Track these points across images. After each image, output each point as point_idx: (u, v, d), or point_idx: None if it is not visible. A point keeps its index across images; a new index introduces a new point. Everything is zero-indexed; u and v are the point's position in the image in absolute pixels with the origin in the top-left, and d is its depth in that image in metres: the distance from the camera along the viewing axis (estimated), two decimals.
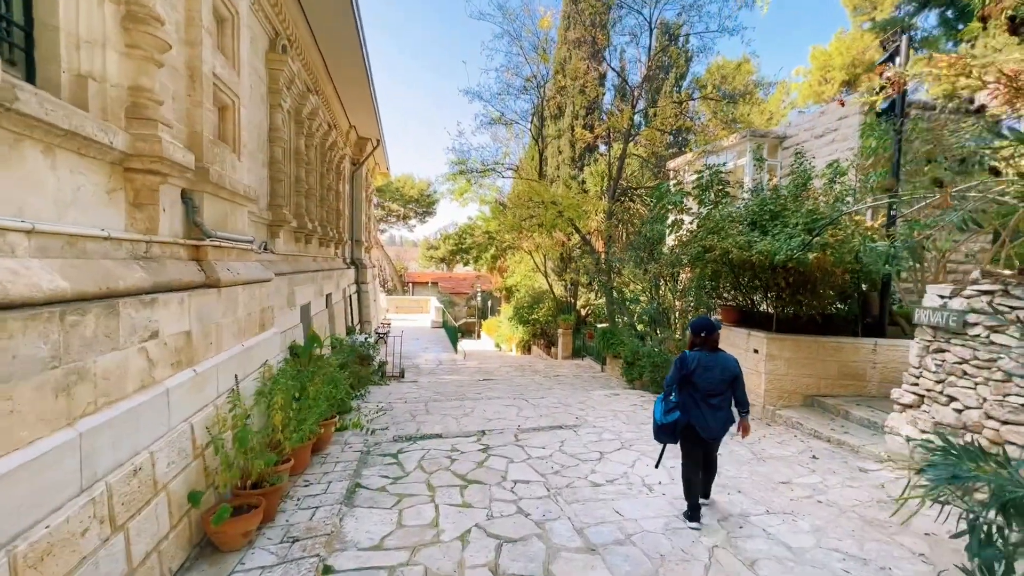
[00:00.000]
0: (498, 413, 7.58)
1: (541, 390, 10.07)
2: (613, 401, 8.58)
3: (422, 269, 39.37)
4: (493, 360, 16.56)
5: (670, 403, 3.62)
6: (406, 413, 7.53)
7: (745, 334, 7.26)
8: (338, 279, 12.06)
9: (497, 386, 10.55)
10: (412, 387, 10.32)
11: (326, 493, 4.08)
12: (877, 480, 4.52)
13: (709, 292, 7.97)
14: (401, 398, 9.02)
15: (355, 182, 15.34)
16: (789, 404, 6.87)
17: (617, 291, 11.81)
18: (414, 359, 14.17)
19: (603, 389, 10.28)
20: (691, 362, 3.56)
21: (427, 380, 11.39)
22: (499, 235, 15.61)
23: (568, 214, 11.13)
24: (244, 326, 4.36)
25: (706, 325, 3.71)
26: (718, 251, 6.18)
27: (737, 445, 5.68)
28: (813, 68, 16.63)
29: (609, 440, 5.90)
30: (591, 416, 7.40)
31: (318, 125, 9.83)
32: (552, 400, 8.62)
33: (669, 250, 8.32)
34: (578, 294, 18.08)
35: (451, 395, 9.40)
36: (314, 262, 9.98)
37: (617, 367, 11.65)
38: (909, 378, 4.76)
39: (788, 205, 6.30)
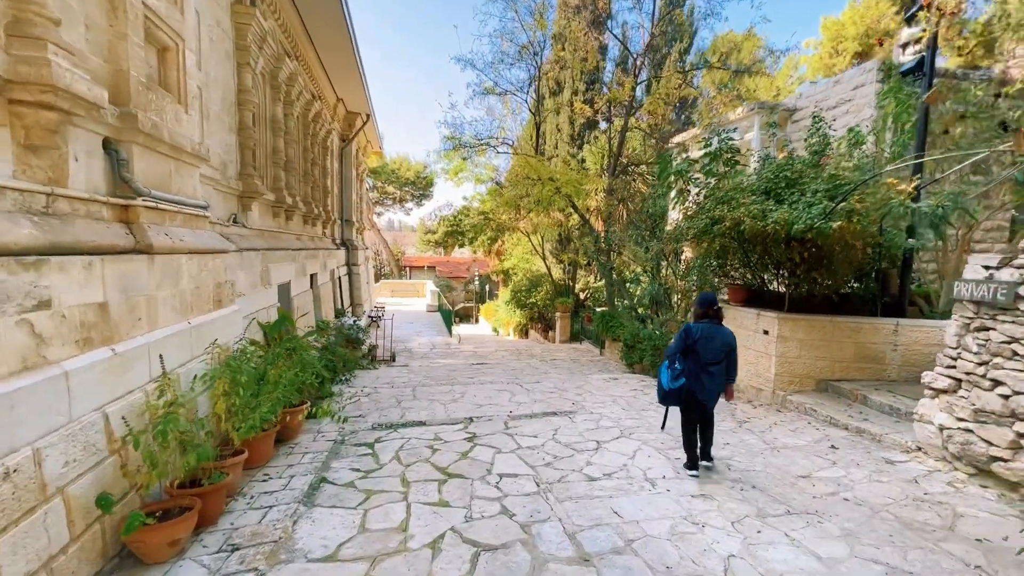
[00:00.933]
0: (489, 398, 7.08)
1: (537, 374, 9.57)
2: (612, 386, 8.07)
3: (420, 253, 38.74)
4: (489, 344, 16.06)
5: (675, 370, 3.93)
6: (391, 398, 7.03)
7: (754, 314, 6.71)
8: (325, 259, 11.48)
9: (491, 370, 10.05)
10: (402, 371, 9.82)
11: (285, 490, 3.57)
12: (908, 473, 4.01)
13: (715, 270, 7.39)
14: (389, 382, 8.52)
15: (344, 159, 14.65)
16: (801, 389, 6.35)
17: (617, 272, 11.24)
18: (407, 343, 13.68)
19: (602, 373, 9.78)
20: (695, 333, 3.88)
21: (419, 364, 10.90)
22: (495, 215, 14.99)
23: (566, 190, 10.50)
24: (191, 301, 3.80)
25: (712, 300, 4.09)
26: (728, 223, 5.59)
27: (747, 434, 5.17)
28: (824, 40, 15.77)
29: (607, 428, 5.39)
30: (588, 402, 6.89)
31: (298, 93, 9.14)
32: (548, 385, 8.11)
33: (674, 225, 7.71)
34: (576, 277, 17.51)
35: (442, 379, 8.90)
36: (297, 240, 9.40)
37: (616, 351, 11.15)
38: (944, 360, 4.21)
39: (805, 173, 5.68)
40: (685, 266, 9.82)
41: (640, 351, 9.33)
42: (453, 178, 16.64)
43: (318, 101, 10.96)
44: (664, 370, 4.00)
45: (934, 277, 7.67)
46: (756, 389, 6.74)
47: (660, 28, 12.69)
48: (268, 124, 7.90)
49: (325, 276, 11.29)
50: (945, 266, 7.49)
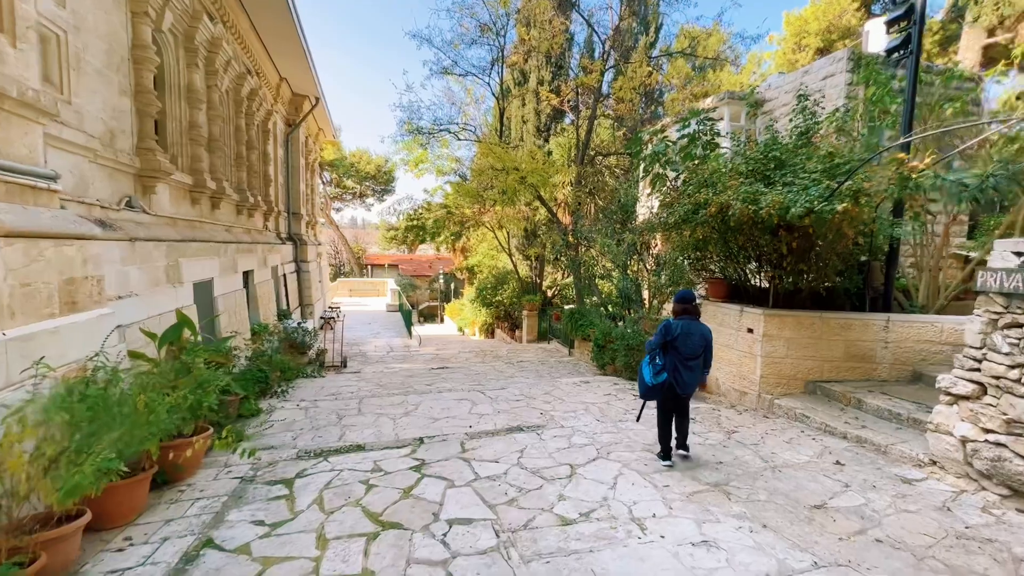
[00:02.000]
0: (447, 410, 6.16)
1: (502, 379, 8.71)
2: (584, 391, 7.31)
3: (382, 251, 37.14)
4: (452, 345, 15.09)
5: (657, 366, 4.01)
6: (332, 414, 5.99)
7: (737, 311, 6.09)
8: (266, 255, 10.20)
9: (452, 375, 9.11)
10: (352, 379, 8.74)
11: (146, 564, 2.55)
12: (933, 497, 3.40)
13: (693, 264, 6.76)
14: (334, 393, 7.45)
15: (291, 146, 13.30)
16: (788, 391, 5.77)
17: (586, 268, 10.54)
18: (362, 346, 12.53)
19: (572, 376, 9.03)
20: (675, 329, 3.97)
21: (372, 370, 9.82)
22: (457, 207, 14.05)
23: (531, 180, 9.70)
24: (8, 303, 2.70)
25: (691, 296, 4.18)
26: (714, 208, 4.90)
27: (740, 448, 4.49)
28: (787, 35, 15.68)
29: (581, 446, 4.59)
30: (558, 411, 6.09)
31: (225, 63, 7.88)
32: (513, 391, 7.27)
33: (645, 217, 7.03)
34: (544, 273, 16.78)
35: (395, 388, 7.90)
36: (227, 232, 8.15)
37: (586, 351, 10.44)
38: (965, 362, 3.63)
39: (798, 152, 5.07)
40: (655, 260, 9.21)
41: (612, 351, 8.63)
42: (413, 169, 15.53)
43: (253, 76, 9.67)
44: (646, 366, 4.09)
45: (912, 270, 7.30)
46: (740, 392, 6.13)
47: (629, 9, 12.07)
48: (182, 94, 6.66)
49: (265, 274, 10.02)
50: (923, 259, 7.13)
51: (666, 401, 4.09)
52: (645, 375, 4.05)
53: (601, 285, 10.47)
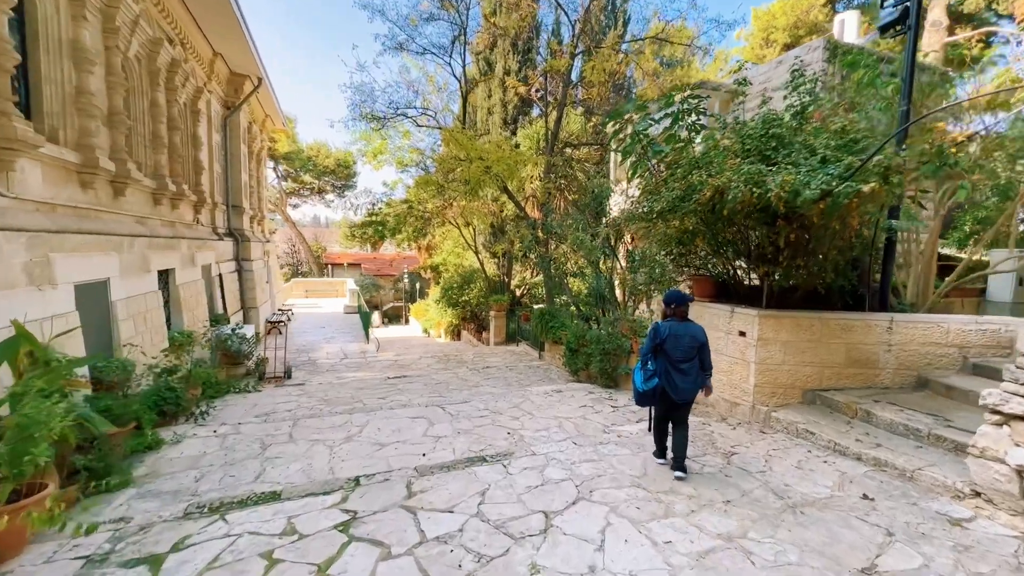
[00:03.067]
0: (398, 433, 5.17)
1: (465, 389, 7.76)
2: (557, 402, 6.47)
3: (344, 250, 35.30)
4: (415, 350, 13.98)
5: (648, 371, 3.81)
6: (255, 442, 4.89)
7: (727, 312, 5.38)
8: (194, 251, 8.83)
9: (410, 386, 8.08)
10: (293, 393, 7.56)
11: None
12: (998, 546, 2.71)
13: (676, 259, 6.02)
14: (267, 413, 6.30)
15: (230, 131, 11.84)
16: (786, 402, 5.10)
17: (557, 266, 9.72)
18: (312, 352, 11.28)
19: (543, 384, 8.18)
20: (663, 331, 3.74)
21: (320, 381, 8.65)
22: (419, 201, 12.95)
23: (496, 169, 8.77)
24: None
25: (677, 297, 3.89)
26: (709, 192, 4.12)
27: (745, 477, 3.72)
28: (755, 30, 15.45)
29: (558, 482, 3.71)
30: (529, 430, 5.22)
31: (131, 21, 6.55)
32: (478, 405, 6.34)
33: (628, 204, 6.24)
34: (512, 272, 15.89)
35: (342, 403, 6.82)
36: (137, 224, 6.83)
37: (558, 354, 9.62)
38: (1020, 374, 2.97)
39: (801, 130, 4.38)
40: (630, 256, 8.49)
41: (586, 355, 7.83)
42: (372, 161, 14.33)
43: (176, 46, 8.30)
44: (637, 371, 3.93)
45: (901, 266, 6.84)
46: (730, 403, 5.42)
47: None
48: (65, 51, 5.35)
49: (192, 273, 8.66)
50: (910, 255, 6.67)
51: (662, 408, 3.94)
52: (636, 380, 3.90)
53: (573, 284, 9.68)
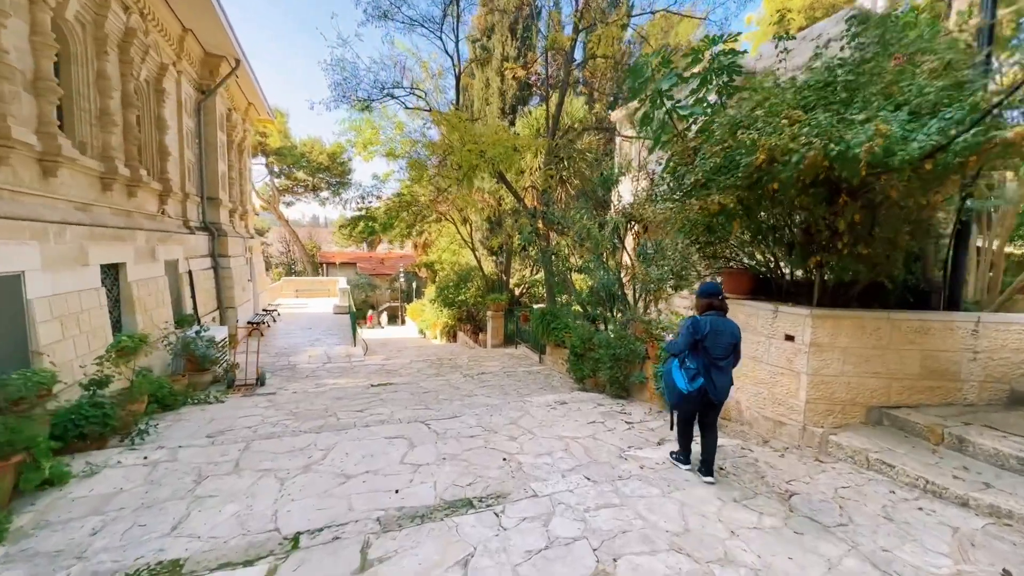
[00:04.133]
0: (369, 460, 4.20)
1: (456, 400, 6.78)
2: (561, 417, 5.49)
3: (341, 248, 34.30)
4: (406, 352, 12.99)
5: (690, 369, 3.44)
6: (189, 474, 3.92)
7: (769, 312, 4.40)
8: (154, 245, 7.85)
9: (395, 396, 7.10)
10: (260, 405, 6.58)
11: None
12: None
13: (702, 248, 5.03)
14: (221, 430, 5.33)
15: (205, 117, 10.85)
16: (845, 422, 4.11)
17: (560, 260, 8.73)
18: (294, 356, 10.30)
19: (544, 392, 7.20)
20: (704, 326, 3.39)
21: (295, 389, 7.66)
22: (411, 194, 11.97)
23: (491, 153, 7.78)
24: None
25: (718, 290, 3.56)
26: (762, 156, 3.14)
27: (821, 535, 2.75)
28: (767, 14, 14.51)
29: (568, 543, 2.73)
30: (529, 455, 4.25)
31: None
32: (469, 421, 5.36)
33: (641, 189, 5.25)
34: (511, 270, 14.91)
35: (314, 417, 5.84)
36: (77, 211, 5.85)
37: (560, 358, 8.64)
38: None
39: (871, 78, 3.39)
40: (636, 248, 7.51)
41: (593, 361, 6.85)
42: (362, 152, 13.34)
43: (132, 14, 7.31)
44: (676, 371, 3.56)
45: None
46: (774, 423, 4.43)
47: None
48: None
49: (151, 268, 7.67)
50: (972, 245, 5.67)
51: (694, 410, 3.61)
52: (678, 381, 3.52)
53: (577, 281, 8.70)
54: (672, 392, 3.56)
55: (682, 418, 3.68)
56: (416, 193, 12.80)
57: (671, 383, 3.56)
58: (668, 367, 3.62)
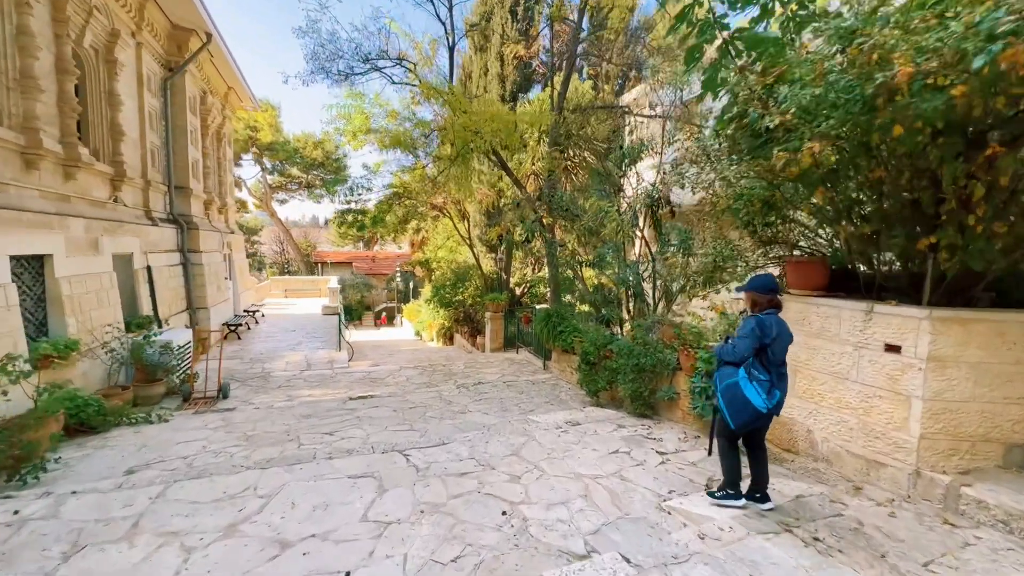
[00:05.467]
0: (321, 514, 3.07)
1: (446, 418, 5.61)
2: (575, 444, 4.33)
3: (336, 248, 33.14)
4: (397, 357, 11.83)
5: (764, 381, 2.77)
6: (64, 538, 2.78)
7: (859, 313, 3.24)
8: (97, 236, 6.70)
9: (374, 412, 5.93)
10: (211, 424, 5.42)
11: None
12: None
13: (759, 231, 3.86)
14: (149, 461, 4.21)
15: (172, 98, 9.70)
16: (974, 464, 2.95)
17: (569, 253, 7.55)
18: (270, 362, 9.14)
19: (552, 408, 6.03)
20: (771, 327, 2.79)
21: (260, 404, 6.50)
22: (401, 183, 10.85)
23: (488, 128, 6.63)
24: None
25: (775, 284, 2.95)
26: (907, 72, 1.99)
27: None
28: None
29: None
30: (537, 505, 3.12)
31: None
32: (459, 451, 4.21)
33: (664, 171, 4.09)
34: (511, 268, 13.75)
35: (268, 443, 4.68)
36: None
37: (568, 365, 7.48)
38: None
39: None
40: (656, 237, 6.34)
41: (610, 372, 5.69)
42: (352, 141, 12.08)
43: None
44: (746, 383, 2.79)
45: None
46: (868, 462, 3.26)
47: None
48: None
49: (93, 262, 6.51)
50: None
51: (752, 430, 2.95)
52: (752, 396, 2.76)
53: (587, 276, 7.53)
54: (742, 410, 2.82)
55: (732, 440, 3.03)
56: (409, 185, 11.65)
57: (739, 398, 2.82)
58: (729, 379, 2.87)
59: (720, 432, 3.05)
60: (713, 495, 3.10)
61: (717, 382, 2.96)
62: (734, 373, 2.84)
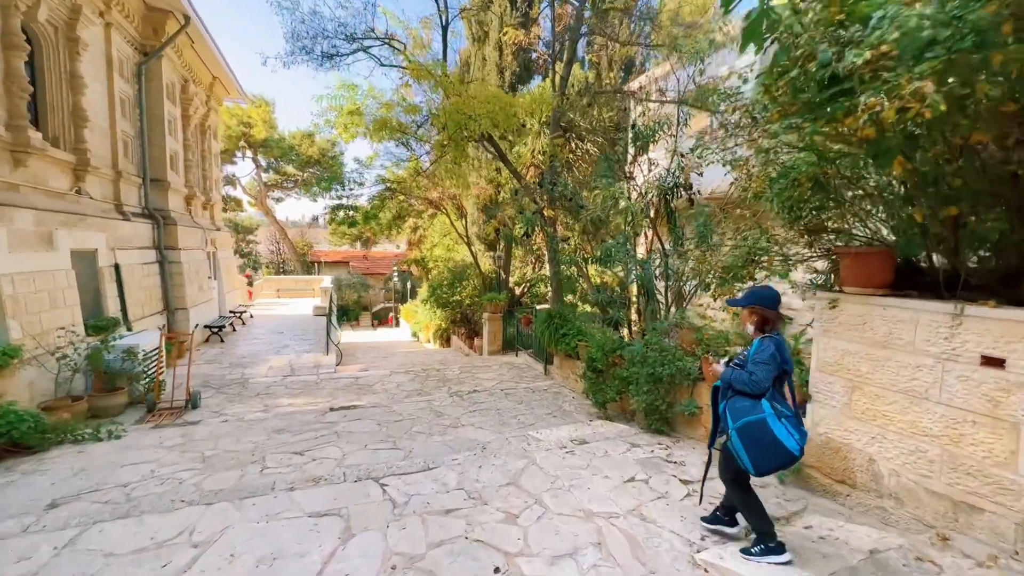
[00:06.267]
0: (263, 570, 2.39)
1: (435, 434, 4.93)
2: (583, 469, 3.66)
3: (334, 247, 32.45)
4: (392, 359, 11.15)
5: (789, 416, 2.39)
6: None
7: (945, 316, 2.57)
8: (51, 230, 6.03)
9: (356, 427, 5.25)
10: (167, 442, 4.74)
11: None
12: None
13: (806, 218, 3.17)
14: (81, 491, 3.56)
15: (148, 84, 9.02)
16: None
17: (576, 249, 6.86)
18: (251, 367, 8.47)
19: (555, 421, 5.35)
20: (787, 351, 2.48)
21: (230, 416, 5.82)
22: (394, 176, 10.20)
23: (482, 112, 5.94)
24: None
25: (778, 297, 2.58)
26: None
27: None
28: None
29: None
30: (537, 560, 2.47)
31: None
32: (447, 479, 3.54)
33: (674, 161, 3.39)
34: (511, 266, 13.07)
35: (227, 467, 4.01)
36: None
37: (571, 371, 6.81)
38: None
39: None
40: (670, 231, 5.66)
41: (620, 381, 5.01)
42: (343, 133, 11.42)
43: None
44: (775, 420, 2.35)
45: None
46: (954, 504, 2.58)
47: None
48: None
49: (47, 259, 5.84)
50: None
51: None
52: (784, 438, 2.31)
53: (591, 274, 6.86)
54: (771, 455, 2.35)
55: (746, 484, 2.59)
56: (402, 180, 10.98)
57: (767, 440, 2.35)
58: (751, 416, 2.41)
59: (732, 477, 2.59)
60: (749, 553, 2.48)
61: (729, 418, 2.49)
62: (756, 407, 2.41)
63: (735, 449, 2.42)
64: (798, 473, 3.37)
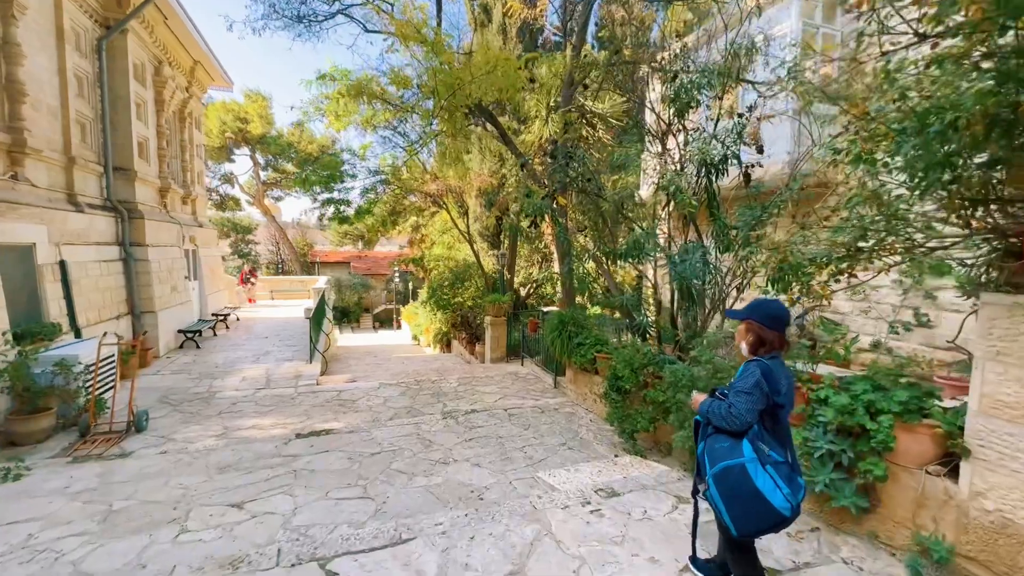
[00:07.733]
0: None
1: (420, 474, 3.82)
2: (619, 545, 2.53)
3: (335, 247, 31.49)
4: (386, 367, 10.07)
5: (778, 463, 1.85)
6: None
7: None
8: None
9: (320, 463, 4.16)
10: (74, 485, 3.67)
11: None
12: None
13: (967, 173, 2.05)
14: None
15: (111, 63, 8.00)
16: None
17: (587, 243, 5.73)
18: (223, 378, 7.41)
19: (572, 456, 4.21)
20: (779, 379, 1.91)
21: (179, 441, 4.74)
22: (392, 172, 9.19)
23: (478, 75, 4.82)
24: None
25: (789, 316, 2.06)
26: None
27: None
28: None
29: None
30: None
31: None
32: (424, 559, 2.43)
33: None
34: (516, 265, 11.96)
35: (130, 532, 2.94)
36: None
37: (587, 387, 5.67)
38: None
39: None
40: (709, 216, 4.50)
41: (655, 407, 3.88)
42: (335, 123, 10.37)
43: None
44: (756, 467, 1.83)
45: None
46: None
47: None
48: None
49: None
50: None
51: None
52: (766, 491, 1.81)
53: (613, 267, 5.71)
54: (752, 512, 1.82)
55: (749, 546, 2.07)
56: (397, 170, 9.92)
57: (746, 492, 1.82)
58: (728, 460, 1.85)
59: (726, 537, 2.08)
60: None
61: (706, 461, 1.96)
62: (734, 449, 1.88)
63: (713, 501, 1.91)
64: (946, 566, 2.23)
